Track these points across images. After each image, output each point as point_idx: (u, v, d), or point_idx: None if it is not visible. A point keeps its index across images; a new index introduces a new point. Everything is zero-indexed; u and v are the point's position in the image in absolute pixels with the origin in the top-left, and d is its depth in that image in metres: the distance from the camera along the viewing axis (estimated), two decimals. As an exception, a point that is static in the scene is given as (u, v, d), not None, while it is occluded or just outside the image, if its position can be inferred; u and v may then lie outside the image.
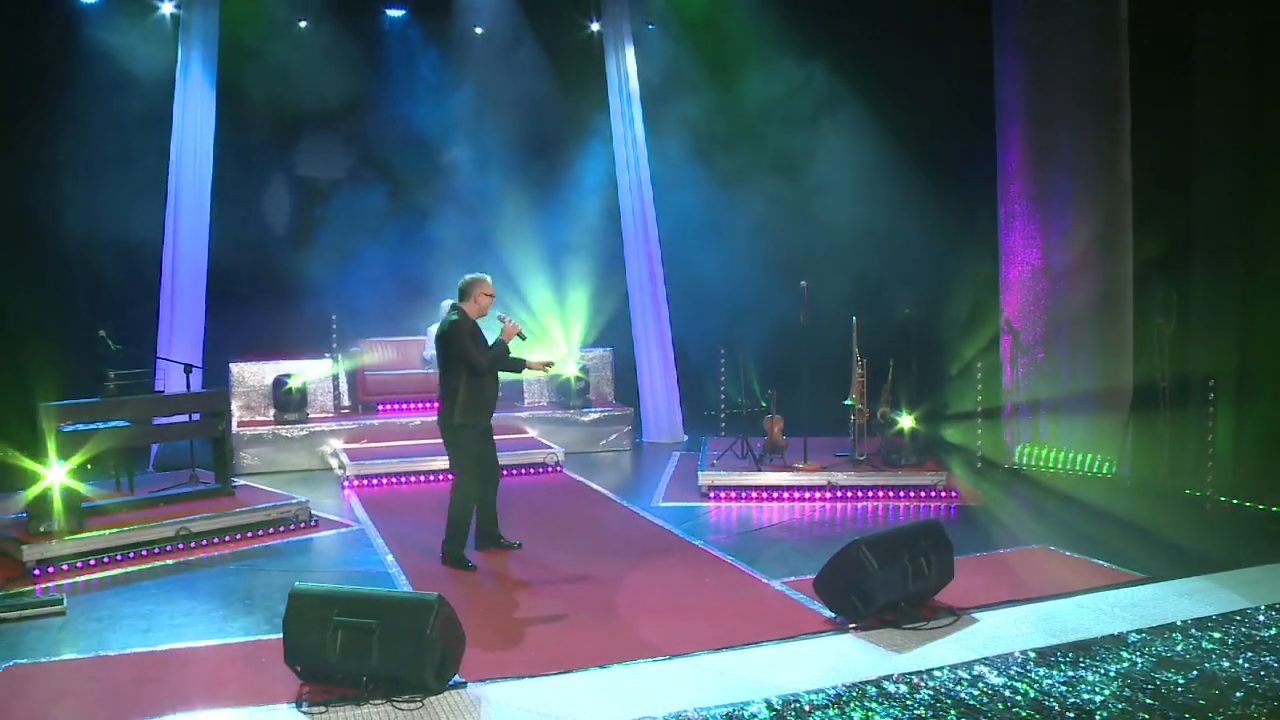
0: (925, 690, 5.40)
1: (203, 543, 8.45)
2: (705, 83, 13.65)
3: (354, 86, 13.73)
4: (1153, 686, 5.42)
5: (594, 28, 13.89)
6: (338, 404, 12.66)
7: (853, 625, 6.37)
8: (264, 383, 12.15)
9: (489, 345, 7.76)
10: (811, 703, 5.26)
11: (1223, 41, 9.77)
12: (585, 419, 12.91)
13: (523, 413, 12.84)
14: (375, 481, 10.87)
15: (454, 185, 14.15)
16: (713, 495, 10.13)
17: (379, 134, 14.01)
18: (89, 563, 7.90)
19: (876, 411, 10.48)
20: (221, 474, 9.39)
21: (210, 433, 9.38)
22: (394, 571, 7.80)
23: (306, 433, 11.83)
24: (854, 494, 10.01)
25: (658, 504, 10.03)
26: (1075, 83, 10.76)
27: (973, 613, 6.58)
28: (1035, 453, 11.15)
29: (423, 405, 12.65)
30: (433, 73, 14.06)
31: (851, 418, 10.49)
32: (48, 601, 7.02)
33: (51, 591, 7.34)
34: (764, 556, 8.06)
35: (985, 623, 6.43)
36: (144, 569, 7.90)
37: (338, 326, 12.80)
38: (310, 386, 12.21)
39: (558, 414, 12.89)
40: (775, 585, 7.30)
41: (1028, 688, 5.42)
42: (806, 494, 10.05)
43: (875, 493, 10.01)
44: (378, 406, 12.78)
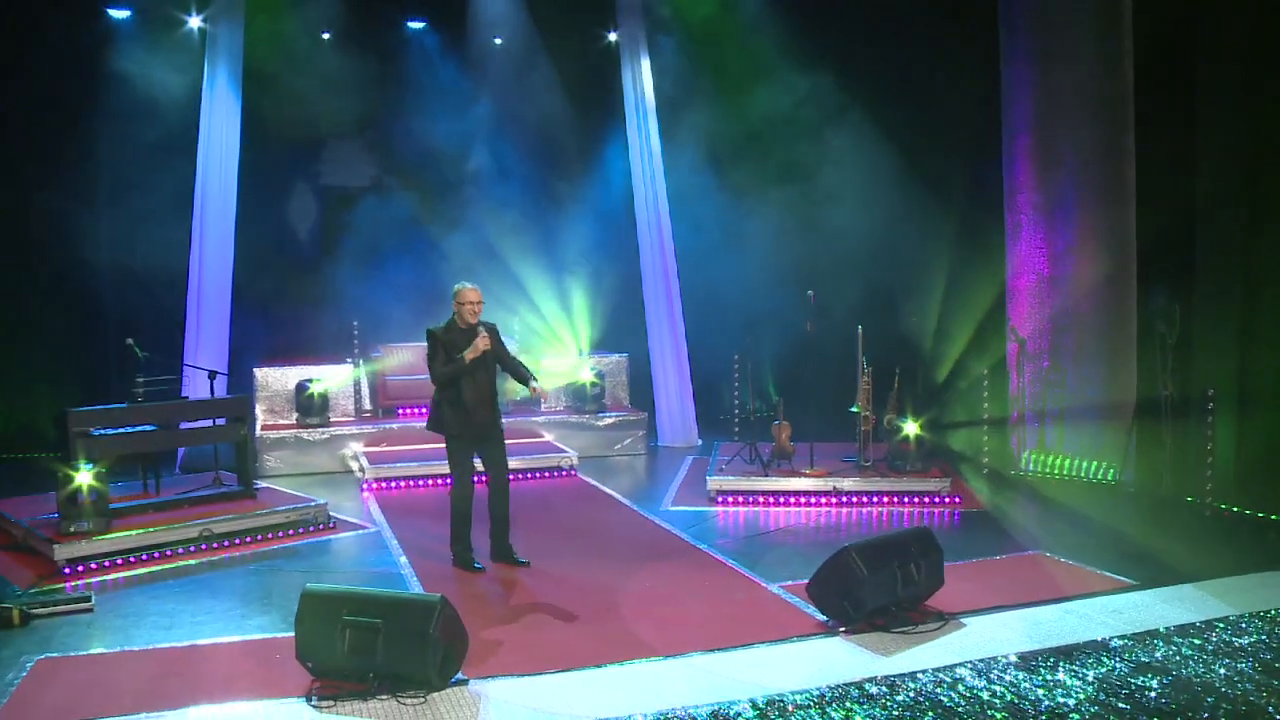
0: (905, 692, 5.63)
1: (225, 543, 8.78)
2: (719, 94, 13.88)
3: (375, 97, 14.11)
4: (1127, 691, 5.62)
5: (611, 38, 14.12)
6: (359, 408, 12.99)
7: (843, 628, 6.60)
8: (287, 387, 12.48)
9: (452, 358, 7.85)
10: (795, 702, 5.50)
11: (1223, 55, 9.90)
12: (600, 424, 13.15)
13: (539, 417, 13.09)
14: (393, 484, 11.17)
15: (473, 193, 14.48)
16: (720, 500, 10.33)
17: (400, 143, 14.34)
18: (116, 562, 8.24)
19: (883, 418, 10.68)
20: (244, 477, 9.73)
21: (233, 437, 9.71)
22: (406, 573, 8.08)
23: (328, 436, 12.16)
24: (859, 499, 10.20)
25: (667, 508, 10.27)
26: (1080, 95, 10.90)
27: (961, 617, 6.79)
28: (1041, 459, 11.30)
29: (433, 405, 12.93)
30: (452, 83, 14.38)
31: (858, 424, 10.70)
32: (77, 599, 7.36)
33: (81, 589, 7.69)
34: (765, 560, 8.28)
35: (972, 627, 6.64)
36: (168, 568, 8.24)
37: (359, 332, 13.13)
38: (332, 391, 12.54)
39: (573, 418, 13.15)
40: (772, 589, 7.53)
41: (1005, 691, 5.64)
42: (812, 499, 10.24)
43: (880, 498, 10.19)
44: (397, 411, 13.07)
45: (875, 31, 12.65)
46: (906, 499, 10.19)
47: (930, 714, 5.39)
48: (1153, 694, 5.58)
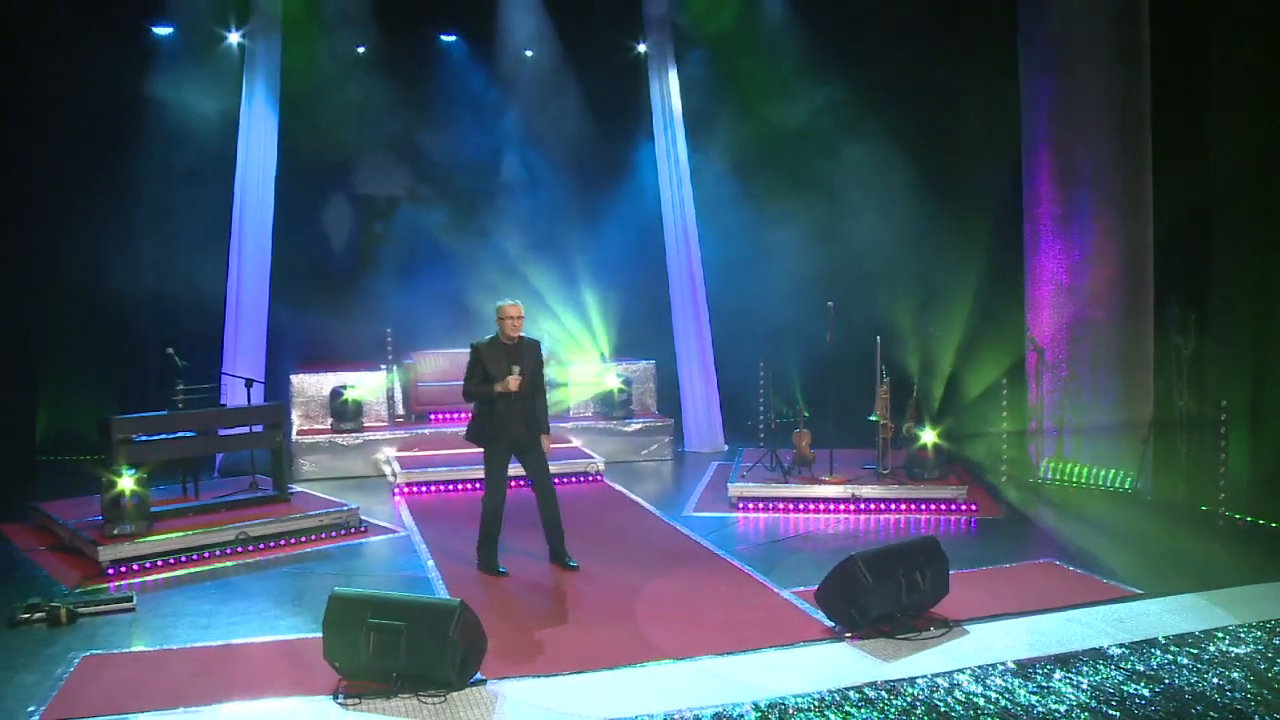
0: (902, 697, 5.85)
1: (260, 546, 9.13)
2: (744, 106, 14.12)
3: (408, 109, 14.46)
4: (1119, 699, 5.82)
5: (640, 49, 14.37)
6: (392, 413, 13.33)
7: (849, 634, 6.83)
8: (322, 393, 12.84)
9: (487, 378, 8.15)
10: (796, 706, 5.75)
11: (1238, 70, 10.01)
12: (628, 429, 13.40)
13: (567, 423, 13.34)
14: (423, 489, 11.47)
15: (504, 203, 14.83)
16: (742, 506, 10.55)
17: (432, 154, 14.68)
18: (156, 563, 8.61)
19: (902, 427, 10.88)
20: (279, 482, 10.10)
21: (269, 443, 10.07)
22: (433, 576, 8.39)
23: (361, 441, 12.50)
24: (877, 507, 10.39)
25: (689, 514, 10.51)
26: (1098, 107, 11.04)
27: (965, 624, 7.00)
28: (1059, 468, 11.45)
29: (472, 415, 13.25)
30: (483, 95, 14.73)
31: (877, 433, 10.90)
32: (120, 599, 7.73)
33: (123, 589, 8.05)
34: (780, 566, 8.52)
35: (975, 634, 6.85)
36: (205, 570, 8.61)
37: (392, 339, 13.47)
38: (365, 397, 12.88)
39: (601, 424, 13.41)
40: (785, 594, 7.77)
41: (1000, 696, 5.85)
42: (831, 506, 10.45)
43: (898, 506, 10.38)
44: (429, 416, 13.40)
45: (896, 46, 12.82)
46: (924, 506, 10.36)
47: (926, 718, 5.61)
48: (1143, 702, 5.77)
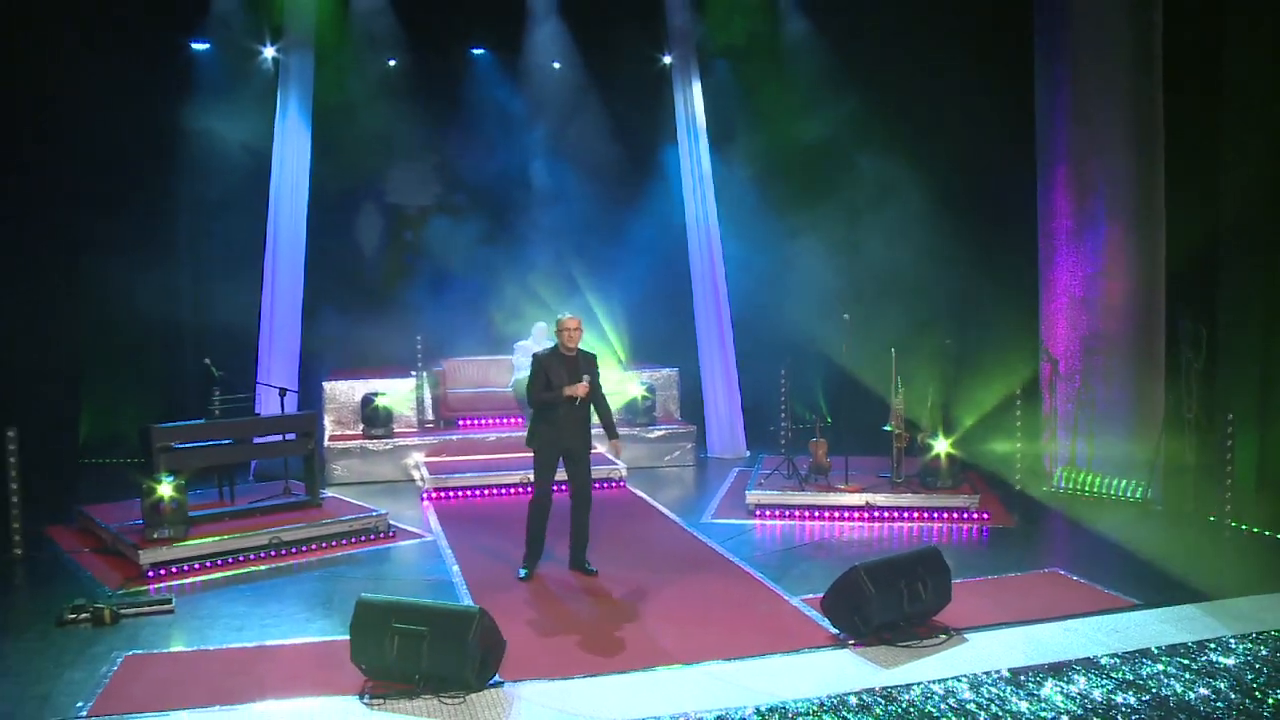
0: (898, 703, 6.13)
1: (292, 550, 9.52)
2: (766, 119, 14.44)
3: (439, 120, 14.89)
4: (1105, 708, 6.06)
5: (666, 60, 14.66)
6: (421, 419, 13.71)
7: (852, 641, 7.11)
8: (354, 399, 13.25)
9: (549, 386, 8.51)
10: (795, 711, 6.03)
11: (1249, 89, 10.19)
12: (651, 435, 13.71)
13: (593, 430, 13.63)
14: (452, 494, 11.83)
15: (531, 212, 15.21)
16: (759, 513, 10.83)
17: (462, 164, 15.08)
18: (194, 566, 9.02)
19: (916, 437, 11.11)
20: (311, 487, 10.48)
21: (301, 450, 10.47)
22: (457, 581, 8.73)
23: (391, 447, 12.89)
24: (891, 515, 10.64)
25: (707, 520, 10.81)
26: (1113, 123, 11.22)
27: (965, 633, 7.26)
28: (1072, 477, 11.65)
29: (500, 421, 13.68)
30: (512, 106, 15.10)
31: (892, 442, 11.15)
32: (160, 600, 8.13)
33: (163, 591, 8.46)
34: (791, 574, 8.80)
35: (974, 642, 7.11)
36: (240, 573, 9.01)
37: (423, 347, 13.85)
38: (395, 403, 13.25)
39: (624, 430, 13.62)
40: (794, 601, 8.05)
41: (991, 703, 6.11)
42: (846, 514, 10.71)
43: (911, 514, 10.63)
44: (458, 422, 13.79)
45: (913, 61, 13.03)
46: (937, 515, 10.60)
47: (919, 724, 5.91)
48: (1129, 710, 6.01)
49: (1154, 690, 6.27)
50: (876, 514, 10.67)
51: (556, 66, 15.32)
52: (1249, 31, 10.25)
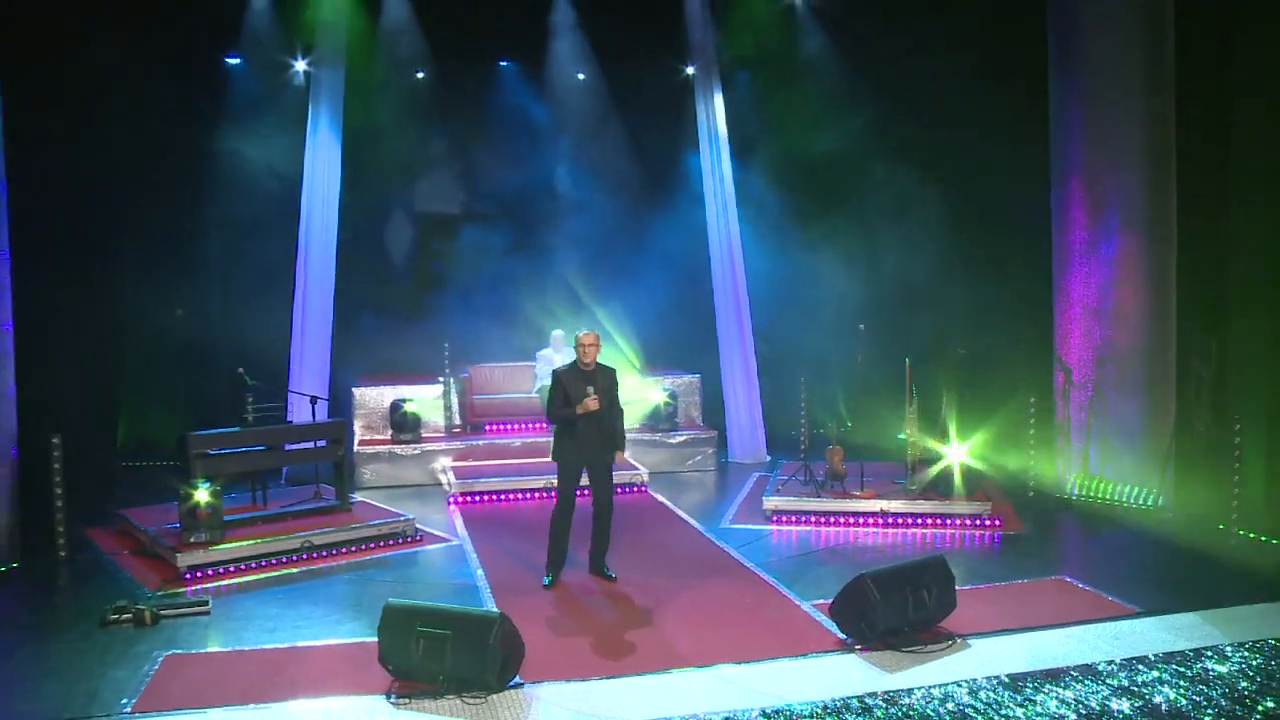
0: (898, 706, 6.40)
1: (323, 554, 9.88)
2: (785, 130, 14.71)
3: (466, 131, 15.27)
4: (1100, 713, 6.31)
5: (689, 71, 14.92)
6: (448, 424, 14.06)
7: (858, 646, 7.38)
8: (383, 405, 13.61)
9: (567, 402, 8.77)
10: (799, 713, 6.31)
11: (1259, 105, 10.37)
12: (673, 441, 13.99)
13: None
14: (477, 498, 12.16)
15: (556, 221, 15.55)
16: (775, 519, 11.10)
17: (488, 174, 15.47)
18: (229, 569, 9.39)
19: (930, 444, 11.33)
20: (340, 493, 10.85)
21: (331, 457, 10.84)
22: (481, 585, 9.05)
23: (419, 451, 13.24)
24: (905, 521, 10.87)
25: (725, 525, 11.08)
26: (1127, 136, 11.39)
27: (969, 639, 7.51)
28: (1085, 484, 11.84)
29: (525, 426, 13.99)
30: (538, 117, 15.44)
31: (906, 450, 11.39)
32: (197, 602, 8.50)
33: (200, 593, 8.84)
34: (804, 579, 9.06)
35: (976, 648, 7.36)
36: (273, 576, 9.38)
37: (449, 353, 14.20)
38: (423, 409, 13.60)
39: (647, 436, 14.00)
40: (805, 607, 8.32)
41: (988, 708, 6.37)
42: (860, 520, 10.95)
43: (924, 520, 10.86)
44: (484, 427, 14.11)
45: (929, 75, 13.26)
46: (950, 521, 10.82)
47: (918, 727, 6.18)
48: (1121, 716, 6.25)
49: (1147, 696, 6.50)
50: (890, 520, 10.89)
51: (581, 78, 15.63)
52: (1261, 51, 10.41)
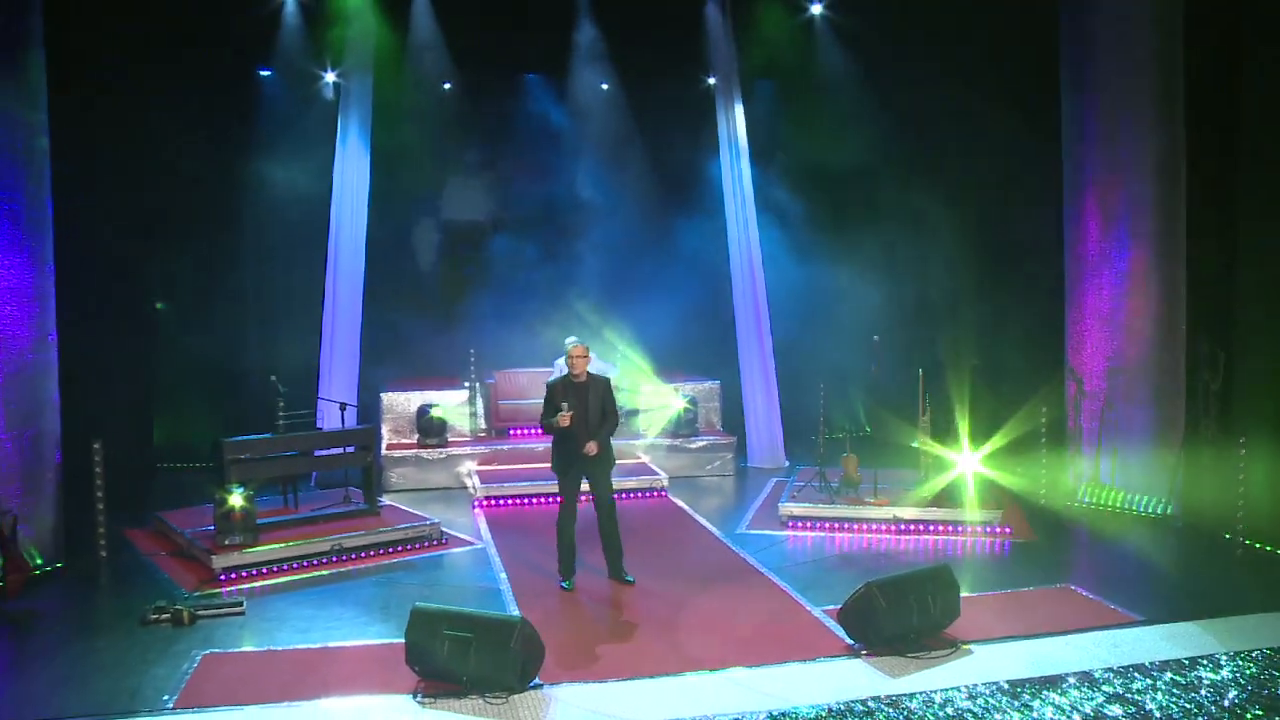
0: (900, 710, 6.69)
1: (353, 556, 10.24)
2: (805, 141, 15.00)
3: (492, 141, 15.63)
4: (1092, 718, 6.57)
5: (710, 81, 15.20)
6: (474, 429, 14.40)
7: (865, 651, 7.67)
8: (410, 410, 13.97)
9: (554, 413, 9.05)
10: (804, 716, 6.62)
11: (1269, 117, 10.54)
12: (693, 446, 14.28)
13: (638, 440, 14.21)
14: (501, 502, 12.48)
15: (579, 229, 15.85)
16: (791, 525, 11.38)
17: (514, 182, 15.82)
18: (262, 571, 9.76)
19: (942, 451, 11.61)
20: (369, 497, 11.22)
21: (360, 462, 11.22)
22: (504, 588, 9.38)
23: (445, 455, 13.60)
24: (916, 528, 11.13)
25: (742, 530, 11.37)
26: (1138, 150, 11.61)
27: (972, 645, 7.78)
28: (1095, 493, 12.06)
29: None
30: (562, 126, 15.77)
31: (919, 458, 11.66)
32: (232, 603, 8.87)
33: (234, 594, 9.21)
34: (815, 585, 9.33)
35: (978, 655, 7.63)
36: (305, 578, 9.75)
37: (475, 359, 14.54)
38: (449, 414, 13.96)
39: (667, 441, 14.29)
40: (815, 612, 8.61)
41: (985, 713, 6.65)
42: (874, 527, 11.21)
43: (936, 527, 11.11)
44: (509, 431, 14.44)
45: (943, 91, 13.52)
46: (961, 528, 11.05)
47: (918, 730, 6.47)
48: (1113, 722, 6.54)
49: (1141, 704, 6.76)
50: (903, 527, 11.15)
51: (605, 88, 15.95)
52: (1270, 65, 10.58)
